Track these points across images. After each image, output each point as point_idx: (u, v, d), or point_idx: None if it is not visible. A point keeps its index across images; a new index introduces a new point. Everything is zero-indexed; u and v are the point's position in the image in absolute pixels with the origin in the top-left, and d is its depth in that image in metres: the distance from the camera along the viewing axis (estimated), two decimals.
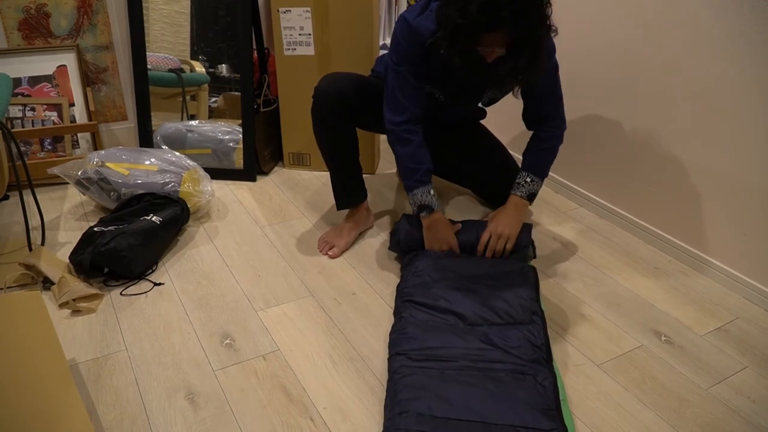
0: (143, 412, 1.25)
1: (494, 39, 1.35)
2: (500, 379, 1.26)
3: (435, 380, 1.25)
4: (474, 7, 1.29)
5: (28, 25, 2.10)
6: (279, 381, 1.34)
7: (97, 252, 1.58)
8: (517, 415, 1.18)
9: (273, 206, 2.07)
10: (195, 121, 2.27)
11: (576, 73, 2.00)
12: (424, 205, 1.66)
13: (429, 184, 1.66)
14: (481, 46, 1.38)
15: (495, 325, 1.41)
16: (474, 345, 1.35)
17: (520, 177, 1.72)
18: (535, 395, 1.23)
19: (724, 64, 1.56)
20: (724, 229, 1.68)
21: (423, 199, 1.65)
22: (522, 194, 1.70)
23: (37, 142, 2.15)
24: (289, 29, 2.09)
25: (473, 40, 1.36)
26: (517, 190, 1.71)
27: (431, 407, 1.18)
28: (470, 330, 1.40)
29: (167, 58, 2.25)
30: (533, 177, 1.70)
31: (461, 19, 1.32)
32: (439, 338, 1.36)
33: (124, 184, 1.87)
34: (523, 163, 1.72)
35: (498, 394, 1.22)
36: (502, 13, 1.28)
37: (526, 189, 1.70)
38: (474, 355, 1.32)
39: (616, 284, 1.71)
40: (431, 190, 1.66)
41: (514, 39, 1.35)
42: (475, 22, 1.31)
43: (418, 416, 1.16)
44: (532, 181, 1.70)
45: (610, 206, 2.01)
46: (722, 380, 1.38)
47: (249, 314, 1.55)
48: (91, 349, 1.42)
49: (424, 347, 1.34)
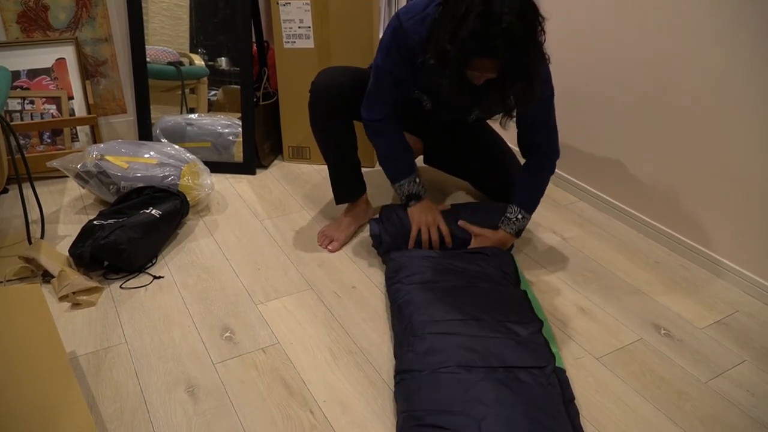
0: (143, 404, 1.26)
1: (484, 64, 1.30)
2: (484, 290, 1.50)
3: (429, 293, 1.47)
4: (464, 32, 1.24)
5: (27, 18, 2.10)
6: (279, 374, 1.34)
7: (97, 245, 1.58)
8: (503, 315, 1.42)
9: (273, 200, 2.07)
10: (194, 115, 2.27)
11: (574, 67, 2.00)
12: (412, 195, 1.67)
13: (414, 173, 1.67)
14: (470, 69, 1.33)
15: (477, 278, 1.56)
16: (460, 277, 1.55)
17: (511, 212, 1.68)
18: (511, 301, 1.48)
19: (724, 57, 1.56)
20: (724, 223, 1.68)
21: (410, 189, 1.67)
22: (512, 231, 1.68)
23: (36, 136, 2.14)
24: (289, 22, 2.09)
25: (462, 64, 1.31)
26: (507, 226, 1.68)
27: (431, 314, 1.40)
28: (456, 275, 1.58)
29: (166, 51, 2.25)
30: (524, 214, 1.67)
31: (450, 45, 1.27)
32: (429, 271, 1.56)
33: (124, 177, 1.87)
34: (515, 197, 1.68)
35: (484, 301, 1.46)
36: (495, 42, 1.22)
37: (516, 226, 1.67)
38: (461, 277, 1.54)
39: (616, 278, 1.71)
40: (417, 179, 1.67)
41: (505, 68, 1.30)
42: (465, 48, 1.26)
43: (420, 322, 1.37)
44: (522, 218, 1.67)
45: (610, 199, 2.01)
46: (721, 373, 1.38)
47: (249, 307, 1.55)
48: (91, 342, 1.42)
49: (416, 273, 1.55)
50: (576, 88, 2.02)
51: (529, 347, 1.32)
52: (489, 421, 1.13)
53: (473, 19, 1.22)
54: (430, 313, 1.40)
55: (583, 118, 2.03)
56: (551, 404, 1.19)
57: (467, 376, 1.23)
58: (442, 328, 1.36)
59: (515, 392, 1.20)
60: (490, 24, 1.21)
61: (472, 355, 1.28)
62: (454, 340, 1.32)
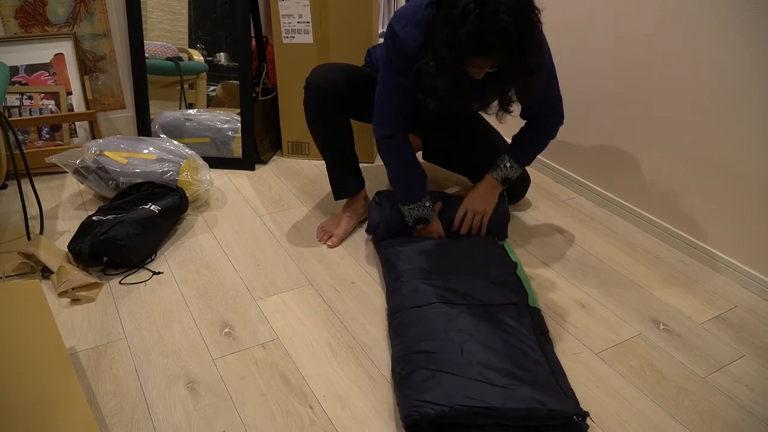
0: (143, 400, 1.26)
1: (482, 63, 1.30)
2: (466, 245, 1.65)
3: (414, 245, 1.63)
4: (461, 35, 1.23)
5: (25, 13, 2.09)
6: (278, 369, 1.35)
7: (96, 241, 1.58)
8: (482, 260, 1.56)
9: (272, 195, 2.07)
10: (193, 110, 2.26)
11: (574, 62, 1.99)
12: (421, 219, 1.67)
13: (424, 197, 1.66)
14: (469, 67, 1.32)
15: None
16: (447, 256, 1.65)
17: (500, 159, 1.70)
18: (488, 249, 1.64)
19: (723, 52, 1.56)
20: (723, 219, 1.68)
21: (419, 213, 1.67)
22: (498, 177, 1.69)
23: (34, 131, 2.14)
24: (288, 17, 2.08)
25: (460, 64, 1.31)
26: (494, 172, 1.70)
27: (417, 263, 1.55)
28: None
29: (165, 46, 2.24)
30: (513, 163, 1.68)
31: (447, 48, 1.27)
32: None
33: (123, 172, 1.86)
34: (509, 147, 1.71)
35: (466, 252, 1.61)
36: (491, 41, 1.22)
37: (502, 173, 1.69)
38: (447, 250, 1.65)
39: (615, 273, 1.71)
40: (427, 203, 1.66)
41: (503, 64, 1.30)
42: (464, 49, 1.25)
43: (406, 270, 1.53)
44: (511, 167, 1.68)
45: (610, 195, 2.01)
46: (720, 368, 1.39)
47: (248, 303, 1.55)
48: (90, 338, 1.42)
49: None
50: (576, 83, 2.02)
51: (503, 286, 1.49)
52: (470, 344, 1.29)
53: (468, 21, 1.21)
54: (415, 262, 1.56)
55: (582, 113, 2.03)
56: (522, 333, 1.35)
57: (449, 310, 1.39)
58: (426, 274, 1.51)
59: (491, 323, 1.37)
60: (486, 23, 1.21)
61: (452, 294, 1.44)
62: (436, 282, 1.48)
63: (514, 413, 1.15)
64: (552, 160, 2.21)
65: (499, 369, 1.23)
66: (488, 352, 1.27)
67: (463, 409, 1.14)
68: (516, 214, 1.99)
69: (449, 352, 1.27)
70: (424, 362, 1.25)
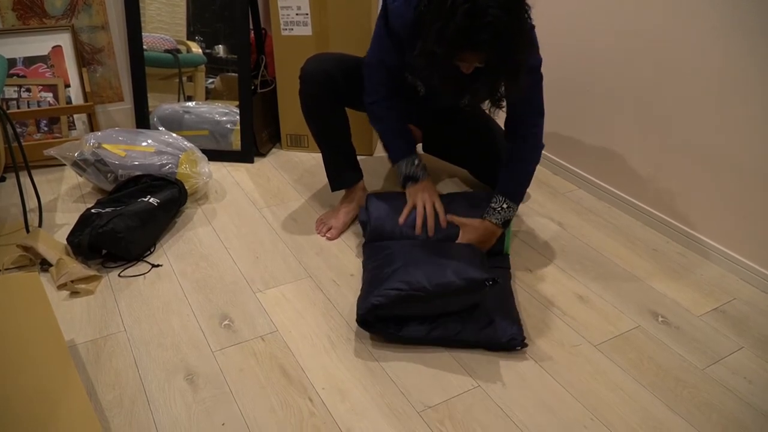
0: (143, 392, 1.26)
1: (470, 57, 1.31)
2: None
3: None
4: (450, 29, 1.23)
5: (23, 5, 2.08)
6: (278, 362, 1.35)
7: (95, 233, 1.58)
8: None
9: (271, 188, 2.06)
10: (192, 103, 2.25)
11: (573, 56, 1.99)
12: (409, 176, 1.67)
13: (413, 155, 1.67)
14: (458, 61, 1.33)
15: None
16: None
17: (495, 201, 1.62)
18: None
19: (722, 46, 1.55)
20: (722, 211, 1.68)
21: (408, 170, 1.66)
22: (497, 221, 1.62)
23: (33, 124, 2.13)
24: (287, 9, 2.07)
25: (449, 58, 1.31)
26: (492, 216, 1.61)
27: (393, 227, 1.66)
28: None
29: (163, 38, 2.23)
30: (510, 204, 1.61)
31: (437, 43, 1.27)
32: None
33: (121, 165, 1.86)
34: (500, 185, 1.64)
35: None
36: (480, 36, 1.23)
37: (501, 216, 1.61)
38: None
39: (614, 265, 1.71)
40: (415, 161, 1.67)
41: (491, 59, 1.30)
42: (453, 43, 1.26)
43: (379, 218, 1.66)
44: (508, 207, 1.61)
45: (609, 188, 2.01)
46: (719, 360, 1.39)
47: (247, 296, 1.55)
48: (90, 331, 1.42)
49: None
50: (575, 76, 2.01)
51: (475, 207, 1.65)
52: (419, 253, 1.49)
53: (458, 15, 1.22)
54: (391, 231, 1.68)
55: (581, 106, 2.03)
56: (475, 255, 1.49)
57: (410, 242, 1.58)
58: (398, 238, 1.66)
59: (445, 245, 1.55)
60: (475, 18, 1.21)
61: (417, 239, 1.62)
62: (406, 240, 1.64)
63: (435, 289, 1.33)
64: (551, 153, 2.21)
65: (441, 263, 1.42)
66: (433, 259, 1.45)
67: (392, 293, 1.33)
68: None
69: (400, 257, 1.47)
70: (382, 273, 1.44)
